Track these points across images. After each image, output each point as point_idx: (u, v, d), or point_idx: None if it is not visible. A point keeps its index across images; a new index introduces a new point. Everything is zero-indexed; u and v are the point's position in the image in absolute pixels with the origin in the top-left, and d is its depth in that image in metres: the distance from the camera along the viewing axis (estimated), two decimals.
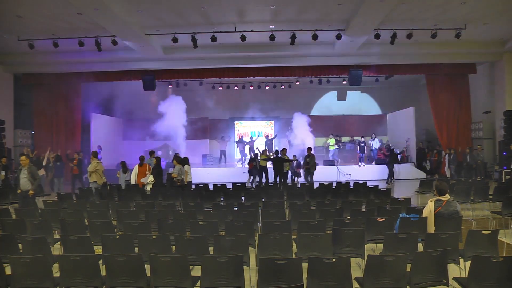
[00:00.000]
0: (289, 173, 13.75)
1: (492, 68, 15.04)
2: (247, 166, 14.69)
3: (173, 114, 16.36)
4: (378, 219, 5.47)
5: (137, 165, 10.55)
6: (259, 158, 13.51)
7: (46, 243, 4.69)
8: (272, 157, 13.01)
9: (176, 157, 10.55)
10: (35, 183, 7.99)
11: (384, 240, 4.71)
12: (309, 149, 13.06)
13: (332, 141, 17.66)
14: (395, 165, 15.23)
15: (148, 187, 10.03)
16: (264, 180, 13.33)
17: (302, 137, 17.08)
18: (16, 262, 3.84)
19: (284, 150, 12.96)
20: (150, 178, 10.18)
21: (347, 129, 20.11)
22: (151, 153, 11.59)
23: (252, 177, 14.07)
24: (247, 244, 4.69)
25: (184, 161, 10.46)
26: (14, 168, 12.63)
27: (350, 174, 15.57)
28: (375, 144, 17.66)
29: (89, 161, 11.81)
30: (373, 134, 17.93)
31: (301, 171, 15.13)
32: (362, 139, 17.68)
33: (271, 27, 11.65)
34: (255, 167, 13.66)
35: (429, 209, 5.26)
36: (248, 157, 17.82)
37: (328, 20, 11.36)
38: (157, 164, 10.31)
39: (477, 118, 15.67)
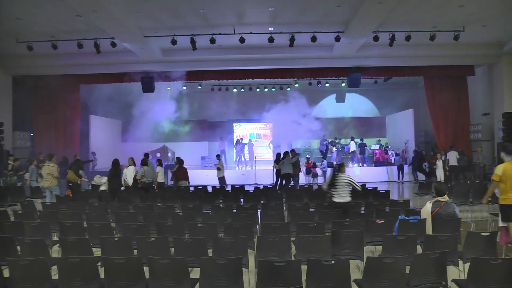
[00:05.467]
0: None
1: (491, 70, 15.06)
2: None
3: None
4: (377, 221, 5.48)
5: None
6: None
7: (44, 246, 4.68)
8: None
9: (143, 159, 10.70)
10: None
11: (383, 242, 4.71)
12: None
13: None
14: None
15: (102, 188, 10.42)
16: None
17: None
18: (15, 264, 3.83)
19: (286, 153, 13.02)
20: (104, 179, 10.54)
21: (346, 131, 20.11)
22: (146, 155, 11.62)
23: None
24: (246, 246, 4.70)
25: (144, 162, 10.55)
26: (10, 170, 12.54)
27: None
28: (353, 146, 17.78)
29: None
30: (351, 137, 18.09)
31: (318, 170, 15.23)
32: (363, 141, 17.78)
33: (270, 29, 11.67)
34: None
35: (426, 210, 5.28)
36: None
37: (327, 22, 11.38)
38: (115, 166, 10.19)
39: (475, 120, 15.69)
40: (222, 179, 13.33)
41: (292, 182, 12.63)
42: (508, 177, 5.56)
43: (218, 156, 13.62)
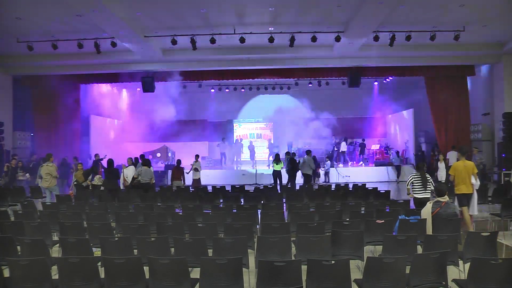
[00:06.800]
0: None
1: (491, 70, 15.06)
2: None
3: None
4: (377, 221, 5.48)
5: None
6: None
7: (44, 246, 4.68)
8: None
9: (143, 159, 10.80)
10: None
11: (383, 242, 4.71)
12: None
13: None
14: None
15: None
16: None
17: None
18: (15, 264, 3.82)
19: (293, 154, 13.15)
20: (96, 179, 10.66)
21: (346, 130, 20.09)
22: (142, 156, 11.63)
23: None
24: (246, 246, 4.69)
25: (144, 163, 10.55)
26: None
27: (349, 176, 15.60)
28: (343, 147, 17.80)
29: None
30: (343, 137, 18.12)
31: (321, 171, 15.22)
32: (363, 141, 17.77)
33: (270, 29, 11.66)
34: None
35: (427, 211, 5.29)
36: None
37: (327, 22, 11.37)
38: (110, 165, 10.16)
39: (476, 120, 15.70)
40: (198, 181, 12.53)
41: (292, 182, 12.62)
42: (461, 172, 7.04)
43: (197, 156, 12.89)
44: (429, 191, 6.97)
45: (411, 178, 7.17)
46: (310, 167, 12.35)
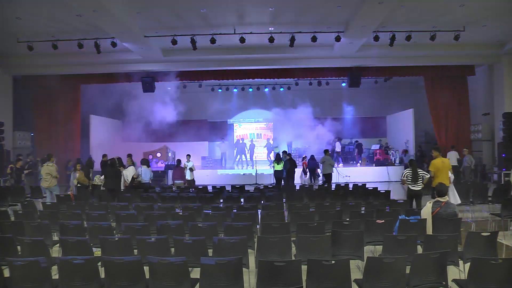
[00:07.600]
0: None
1: (491, 70, 15.06)
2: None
3: None
4: (377, 221, 5.48)
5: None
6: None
7: (44, 246, 4.68)
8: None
9: (142, 159, 11.08)
10: None
11: (383, 242, 4.71)
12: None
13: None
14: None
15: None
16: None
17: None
18: (15, 264, 3.82)
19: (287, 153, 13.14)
20: (96, 179, 10.68)
21: (345, 131, 20.10)
22: (129, 156, 11.60)
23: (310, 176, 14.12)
24: (246, 247, 4.69)
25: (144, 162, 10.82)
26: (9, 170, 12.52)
27: (349, 176, 15.57)
28: (338, 147, 17.79)
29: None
30: (338, 137, 18.12)
31: (319, 171, 15.19)
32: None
33: (270, 29, 11.66)
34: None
35: (427, 211, 5.29)
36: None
37: (327, 22, 11.37)
38: (112, 165, 10.10)
39: (476, 120, 15.69)
40: (193, 182, 12.34)
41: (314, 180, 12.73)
42: (439, 169, 7.72)
43: (188, 156, 12.56)
44: (420, 185, 7.66)
45: (406, 172, 7.91)
46: (331, 166, 12.41)
